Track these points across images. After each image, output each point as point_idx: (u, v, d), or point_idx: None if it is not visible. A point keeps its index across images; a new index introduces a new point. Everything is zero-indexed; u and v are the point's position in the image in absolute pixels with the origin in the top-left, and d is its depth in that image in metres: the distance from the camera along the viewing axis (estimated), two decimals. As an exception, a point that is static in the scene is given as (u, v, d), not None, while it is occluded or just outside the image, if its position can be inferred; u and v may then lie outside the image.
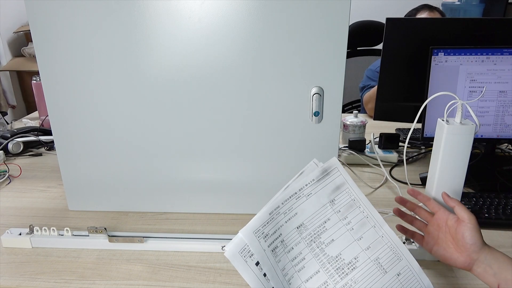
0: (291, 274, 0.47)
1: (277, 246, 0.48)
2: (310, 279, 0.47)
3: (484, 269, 0.51)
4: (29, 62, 2.82)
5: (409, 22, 1.17)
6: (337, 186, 0.52)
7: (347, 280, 0.48)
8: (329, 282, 0.47)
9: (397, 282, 0.49)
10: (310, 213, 0.50)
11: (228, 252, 0.46)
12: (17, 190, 0.99)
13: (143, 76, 0.77)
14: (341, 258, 0.49)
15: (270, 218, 0.48)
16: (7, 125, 1.42)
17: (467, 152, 0.62)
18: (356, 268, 0.49)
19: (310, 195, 0.51)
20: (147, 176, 0.85)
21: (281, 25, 0.72)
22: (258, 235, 0.47)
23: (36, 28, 0.75)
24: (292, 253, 0.48)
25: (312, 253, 0.49)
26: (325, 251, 0.49)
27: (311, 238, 0.49)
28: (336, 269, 0.48)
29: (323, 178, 0.52)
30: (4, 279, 0.68)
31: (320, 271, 0.48)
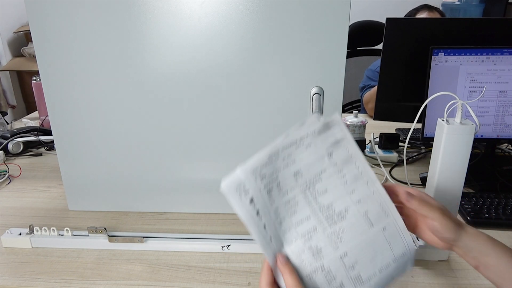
0: (283, 216, 0.49)
1: (272, 188, 0.49)
2: (300, 223, 0.49)
3: (464, 251, 0.51)
4: (29, 62, 2.83)
5: (409, 22, 1.17)
6: (337, 140, 0.53)
7: (335, 228, 0.50)
8: (318, 228, 0.49)
9: (382, 236, 0.51)
10: (307, 162, 0.51)
11: (225, 187, 0.48)
12: (17, 190, 0.99)
13: (143, 76, 0.77)
14: (332, 207, 0.51)
15: (269, 161, 0.50)
16: (7, 125, 1.42)
17: (467, 152, 0.62)
18: (345, 219, 0.50)
19: (309, 146, 0.52)
20: (147, 176, 0.85)
21: (281, 25, 0.72)
22: (255, 175, 0.48)
23: (36, 28, 0.75)
24: (286, 197, 0.50)
25: (305, 200, 0.50)
26: (318, 200, 0.51)
27: (306, 185, 0.51)
28: (326, 217, 0.50)
29: (324, 131, 0.53)
30: (4, 279, 0.68)
31: (311, 217, 0.50)
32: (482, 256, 0.50)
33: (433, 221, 0.50)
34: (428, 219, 0.51)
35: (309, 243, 0.49)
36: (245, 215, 0.47)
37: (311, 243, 0.49)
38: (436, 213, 0.50)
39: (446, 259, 0.72)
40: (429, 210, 0.51)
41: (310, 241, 0.49)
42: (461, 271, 0.69)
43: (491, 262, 0.49)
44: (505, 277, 0.48)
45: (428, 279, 0.67)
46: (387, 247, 0.51)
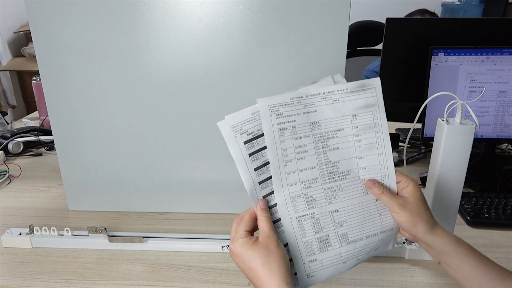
0: (290, 158, 0.50)
1: (286, 128, 0.50)
2: (304, 170, 0.51)
3: (426, 248, 0.53)
4: (29, 62, 2.83)
5: (409, 22, 1.17)
6: (367, 104, 0.53)
7: (333, 185, 0.52)
8: (318, 180, 0.52)
9: (373, 205, 0.53)
10: (329, 116, 0.52)
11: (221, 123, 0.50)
12: (17, 190, 0.99)
13: (143, 76, 0.77)
14: (337, 165, 0.53)
15: (290, 102, 0.50)
16: (7, 125, 1.42)
17: (467, 152, 0.62)
18: (345, 179, 0.53)
19: (337, 101, 0.52)
20: (147, 176, 0.85)
21: (281, 25, 0.72)
22: (272, 110, 0.49)
23: (36, 28, 0.75)
24: (298, 142, 0.51)
25: (316, 151, 0.52)
26: (327, 154, 0.52)
27: (320, 137, 0.52)
28: (329, 173, 0.52)
29: (357, 91, 0.53)
30: (4, 279, 0.68)
31: (316, 168, 0.52)
32: (444, 255, 0.52)
33: (394, 213, 0.52)
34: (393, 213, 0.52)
35: (306, 190, 0.51)
36: (236, 154, 0.50)
37: (308, 191, 0.51)
38: (395, 206, 0.51)
39: (446, 259, 0.72)
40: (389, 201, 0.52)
41: (308, 189, 0.51)
42: (461, 271, 0.69)
43: (452, 261, 0.51)
44: (467, 278, 0.50)
45: (428, 279, 0.67)
46: (377, 217, 0.53)
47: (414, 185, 0.52)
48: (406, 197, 0.52)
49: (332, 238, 0.51)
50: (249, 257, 0.47)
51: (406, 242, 0.72)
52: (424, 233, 0.51)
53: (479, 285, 0.49)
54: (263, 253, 0.46)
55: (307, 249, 0.51)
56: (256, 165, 0.50)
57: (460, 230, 0.80)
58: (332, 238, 0.51)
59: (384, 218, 0.54)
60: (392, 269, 0.69)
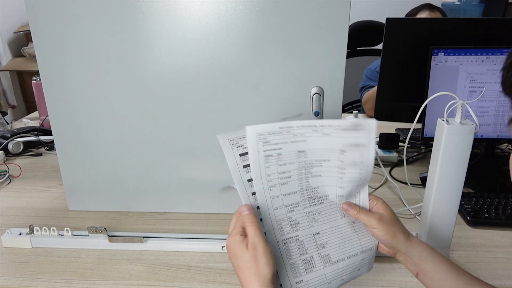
0: (274, 183, 0.52)
1: (272, 155, 0.52)
2: (287, 195, 0.53)
3: (405, 258, 0.55)
4: (29, 62, 2.83)
5: (409, 22, 1.18)
6: (358, 143, 0.53)
7: (313, 208, 0.55)
8: (300, 204, 0.54)
9: (350, 227, 0.56)
10: (317, 147, 0.53)
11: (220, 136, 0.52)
12: (17, 190, 0.99)
13: (143, 76, 0.77)
14: (317, 191, 0.55)
15: (279, 132, 0.52)
16: (7, 125, 1.42)
17: (467, 152, 0.62)
18: (323, 203, 0.55)
19: (327, 135, 0.53)
20: (147, 176, 0.85)
21: (281, 25, 0.72)
22: (260, 138, 0.51)
23: (36, 28, 0.75)
24: (282, 168, 0.53)
25: (298, 177, 0.54)
26: (309, 181, 0.54)
27: (304, 165, 0.54)
28: (309, 197, 0.54)
29: (350, 129, 0.53)
30: (4, 279, 0.68)
31: (297, 193, 0.54)
32: (421, 263, 0.54)
33: (373, 229, 0.54)
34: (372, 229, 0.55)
35: (290, 214, 0.53)
36: (231, 164, 0.51)
37: (292, 214, 0.54)
38: (380, 224, 0.54)
39: (446, 259, 0.72)
40: (372, 219, 0.54)
41: (291, 213, 0.54)
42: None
43: (428, 269, 0.53)
44: (441, 284, 0.53)
45: (428, 279, 0.67)
46: (356, 238, 0.56)
47: (383, 202, 0.56)
48: (380, 212, 0.55)
49: (316, 259, 0.53)
50: (239, 257, 0.49)
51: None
52: (403, 242, 0.54)
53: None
54: (250, 259, 0.48)
55: (294, 270, 0.52)
56: (249, 176, 0.52)
57: (460, 230, 0.80)
58: (316, 259, 0.53)
59: (362, 239, 0.56)
60: (392, 269, 0.69)
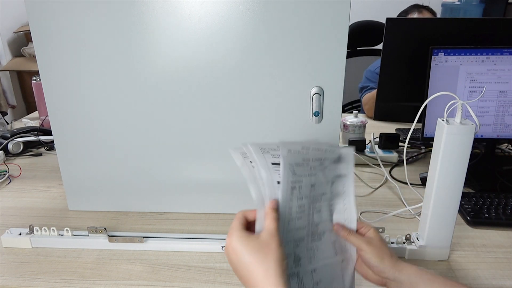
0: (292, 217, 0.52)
1: (295, 187, 0.52)
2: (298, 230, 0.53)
3: (396, 285, 0.54)
4: (29, 62, 2.83)
5: (409, 22, 1.18)
6: (340, 175, 0.57)
7: (313, 245, 0.55)
8: (304, 240, 0.54)
9: (339, 266, 0.57)
10: (320, 181, 0.55)
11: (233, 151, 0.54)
12: (17, 190, 0.99)
13: (143, 76, 0.77)
14: (317, 227, 0.56)
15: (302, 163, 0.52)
16: (7, 125, 1.42)
17: (467, 152, 0.62)
18: (321, 240, 0.56)
19: (326, 168, 0.55)
20: (147, 176, 0.85)
21: (281, 25, 0.72)
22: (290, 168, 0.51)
23: (36, 28, 0.75)
24: (300, 201, 0.53)
25: (308, 212, 0.54)
26: (314, 216, 0.55)
27: (313, 199, 0.55)
28: (311, 233, 0.55)
29: (337, 162, 0.56)
30: (4, 279, 0.68)
31: (305, 228, 0.54)
32: (412, 285, 0.53)
33: (361, 251, 0.55)
34: (362, 251, 0.55)
35: (295, 249, 0.53)
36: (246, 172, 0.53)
37: (297, 250, 0.53)
38: (369, 247, 0.54)
39: (446, 259, 0.72)
40: (362, 242, 0.55)
41: (297, 248, 0.53)
42: (461, 271, 0.69)
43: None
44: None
45: (428, 279, 0.67)
46: (341, 277, 0.57)
47: (374, 229, 0.57)
48: (369, 237, 0.56)
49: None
50: (246, 252, 0.45)
51: (406, 242, 0.73)
52: (391, 266, 0.54)
53: None
54: (263, 250, 0.45)
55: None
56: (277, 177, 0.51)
57: (460, 230, 0.80)
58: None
59: (345, 279, 0.57)
60: (392, 269, 0.69)
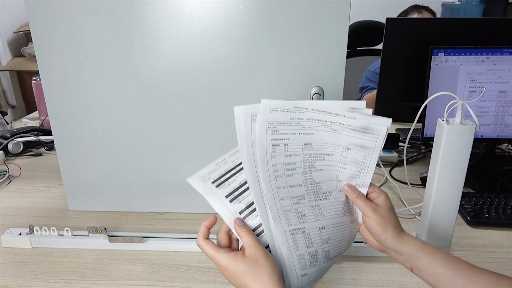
0: (279, 174, 0.52)
1: (279, 145, 0.52)
2: (293, 187, 0.53)
3: (395, 255, 0.54)
4: (29, 62, 2.83)
5: (409, 22, 1.18)
6: (363, 145, 0.55)
7: (318, 203, 0.54)
8: (305, 198, 0.53)
9: (348, 227, 0.56)
10: (323, 141, 0.54)
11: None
12: (17, 190, 0.99)
13: (143, 76, 0.77)
14: (320, 186, 0.55)
15: (289, 122, 0.52)
16: (7, 125, 1.42)
17: (467, 152, 0.62)
18: (328, 199, 0.55)
19: (335, 131, 0.54)
20: (147, 176, 0.85)
21: (281, 25, 0.72)
22: (269, 126, 0.51)
23: (36, 28, 0.75)
24: (288, 159, 0.53)
25: (302, 169, 0.53)
26: (312, 174, 0.54)
27: (309, 157, 0.54)
28: (313, 192, 0.54)
29: (359, 130, 0.54)
30: (4, 279, 0.68)
31: (302, 186, 0.53)
32: (413, 259, 0.53)
33: (365, 217, 0.54)
34: (366, 216, 0.54)
35: (296, 206, 0.53)
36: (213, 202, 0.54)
37: (298, 206, 0.53)
38: (375, 214, 0.54)
39: (446, 259, 0.72)
40: (368, 207, 0.54)
41: (297, 205, 0.53)
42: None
43: (422, 264, 0.52)
44: (439, 278, 0.51)
45: (428, 279, 0.67)
46: (349, 238, 0.56)
47: (385, 196, 0.56)
48: (378, 204, 0.55)
49: (319, 254, 0.53)
50: (240, 273, 0.48)
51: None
52: (392, 237, 0.53)
53: (452, 283, 0.50)
54: (253, 267, 0.47)
55: (301, 262, 0.51)
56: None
57: (460, 230, 0.80)
58: (319, 254, 0.53)
59: (352, 239, 0.57)
60: (392, 269, 0.69)
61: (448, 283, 0.50)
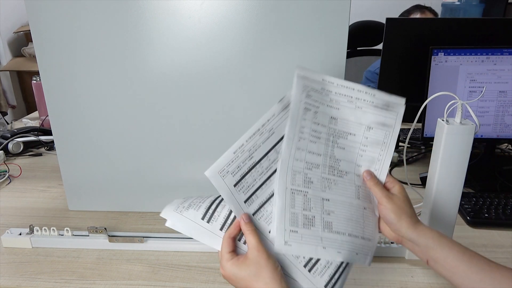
0: (303, 136, 0.54)
1: (310, 110, 0.54)
2: (311, 153, 0.54)
3: (412, 246, 0.54)
4: (29, 62, 2.82)
5: (409, 22, 1.18)
6: (384, 123, 0.56)
7: (331, 177, 0.55)
8: (320, 167, 0.55)
9: (361, 211, 0.56)
10: (347, 118, 0.56)
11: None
12: (17, 190, 0.99)
13: (143, 76, 0.77)
14: (339, 163, 0.56)
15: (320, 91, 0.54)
16: (7, 125, 1.42)
17: (467, 152, 0.62)
18: (342, 178, 0.56)
19: (359, 108, 0.56)
20: (147, 176, 0.85)
21: (281, 25, 0.72)
22: (305, 89, 0.53)
23: (36, 28, 0.75)
24: (315, 126, 0.54)
25: (326, 142, 0.55)
26: (334, 150, 0.56)
27: (333, 132, 0.56)
28: (330, 166, 0.55)
29: (381, 108, 0.56)
30: (4, 279, 0.68)
31: (321, 156, 0.55)
32: (429, 251, 0.52)
33: (381, 205, 0.54)
34: (382, 205, 0.54)
35: (307, 171, 0.54)
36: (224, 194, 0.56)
37: (308, 172, 0.54)
38: (389, 202, 0.54)
39: (446, 259, 0.72)
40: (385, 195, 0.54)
41: (309, 171, 0.54)
42: (461, 271, 0.69)
43: (438, 256, 0.52)
44: (454, 271, 0.51)
45: (428, 279, 0.67)
46: (361, 223, 0.56)
47: (400, 186, 0.56)
48: (393, 193, 0.56)
49: (317, 220, 0.53)
50: (243, 277, 0.48)
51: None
52: (407, 227, 0.53)
53: (467, 278, 0.50)
54: (255, 269, 0.48)
55: (292, 219, 0.52)
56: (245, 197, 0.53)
57: (460, 230, 0.80)
58: (317, 220, 0.53)
59: (366, 226, 0.56)
60: (392, 269, 0.69)
61: (463, 277, 0.50)
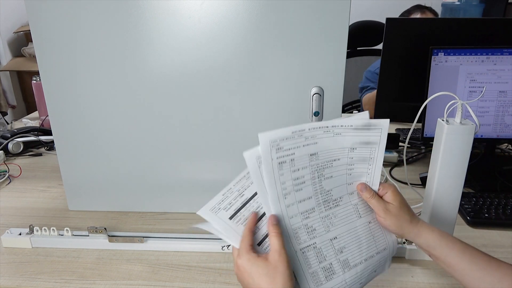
0: (288, 191, 0.51)
1: (285, 162, 0.51)
2: (302, 201, 0.52)
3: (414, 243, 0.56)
4: (29, 62, 2.82)
5: (409, 22, 1.18)
6: (368, 142, 0.55)
7: (329, 212, 0.54)
8: (315, 210, 0.53)
9: (367, 228, 0.56)
10: (328, 147, 0.54)
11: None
12: (17, 190, 0.99)
13: (143, 76, 0.77)
14: (331, 193, 0.54)
15: (291, 136, 0.51)
16: (7, 125, 1.42)
17: (467, 152, 0.62)
18: (338, 206, 0.55)
19: (338, 135, 0.54)
20: (147, 176, 0.85)
21: (281, 25, 0.72)
22: (273, 145, 0.50)
23: (36, 28, 0.75)
24: (296, 174, 0.52)
25: (312, 181, 0.53)
26: (322, 183, 0.54)
27: (317, 168, 0.53)
28: (324, 201, 0.54)
29: (362, 129, 0.54)
30: (4, 279, 0.68)
31: (312, 198, 0.53)
32: (430, 250, 0.54)
33: (379, 217, 0.55)
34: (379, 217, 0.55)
35: (306, 221, 0.52)
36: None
37: (307, 221, 0.53)
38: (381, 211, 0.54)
39: (446, 259, 0.72)
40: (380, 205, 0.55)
41: (307, 220, 0.53)
42: (461, 271, 0.69)
43: (438, 254, 0.53)
44: (456, 269, 0.52)
45: (428, 279, 0.67)
46: (372, 239, 0.56)
47: (393, 190, 0.56)
48: (388, 202, 0.55)
49: (335, 265, 0.53)
50: (255, 273, 0.47)
51: (406, 242, 0.72)
52: (409, 232, 0.54)
53: (468, 275, 0.51)
54: (271, 272, 0.47)
55: (314, 279, 0.51)
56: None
57: (460, 230, 0.80)
58: (335, 265, 0.53)
59: (377, 239, 0.56)
60: (392, 269, 0.69)
61: (464, 274, 0.51)
